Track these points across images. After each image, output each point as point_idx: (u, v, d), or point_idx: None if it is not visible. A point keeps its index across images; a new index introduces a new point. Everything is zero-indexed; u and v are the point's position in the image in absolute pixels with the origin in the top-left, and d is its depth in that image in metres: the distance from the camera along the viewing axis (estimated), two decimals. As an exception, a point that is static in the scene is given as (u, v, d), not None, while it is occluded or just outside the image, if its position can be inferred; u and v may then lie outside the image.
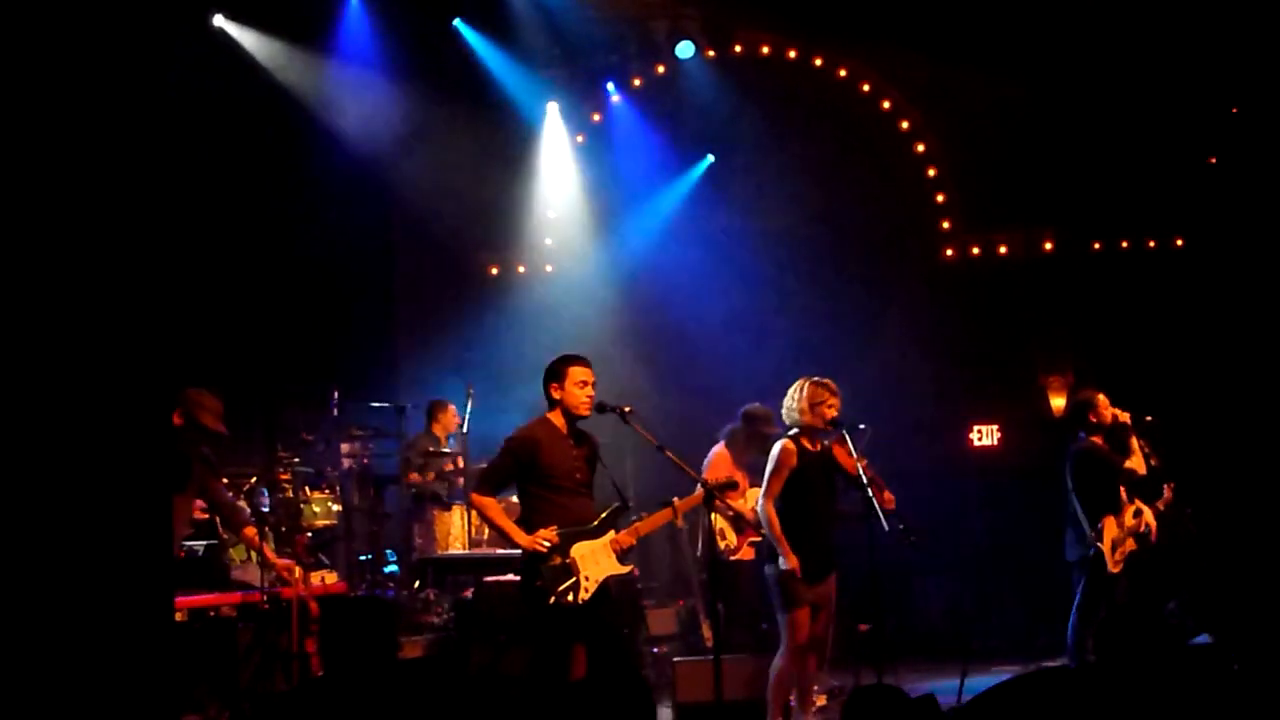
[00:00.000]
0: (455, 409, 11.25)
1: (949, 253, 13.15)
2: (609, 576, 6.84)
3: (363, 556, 11.09)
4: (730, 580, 9.08)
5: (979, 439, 12.81)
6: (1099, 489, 8.54)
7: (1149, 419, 8.87)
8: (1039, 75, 12.23)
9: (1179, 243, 12.86)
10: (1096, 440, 8.67)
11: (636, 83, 13.15)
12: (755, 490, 7.95)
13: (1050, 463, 9.15)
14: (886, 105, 13.07)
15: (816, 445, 7.68)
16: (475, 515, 9.77)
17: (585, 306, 12.40)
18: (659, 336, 12.50)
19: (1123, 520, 8.50)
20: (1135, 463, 8.65)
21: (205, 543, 8.48)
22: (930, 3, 12.06)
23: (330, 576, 8.49)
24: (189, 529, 8.21)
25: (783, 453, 7.62)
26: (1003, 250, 13.11)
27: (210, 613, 7.69)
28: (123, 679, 3.77)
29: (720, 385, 11.37)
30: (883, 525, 7.28)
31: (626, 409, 6.87)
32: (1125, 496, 8.57)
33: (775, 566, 7.52)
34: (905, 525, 7.46)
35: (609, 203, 13.18)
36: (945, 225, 13.16)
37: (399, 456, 11.06)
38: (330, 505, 10.28)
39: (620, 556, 6.89)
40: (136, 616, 3.83)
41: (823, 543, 7.59)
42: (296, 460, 10.23)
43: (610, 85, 13.13)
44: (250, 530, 7.69)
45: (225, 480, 8.52)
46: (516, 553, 7.02)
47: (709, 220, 12.98)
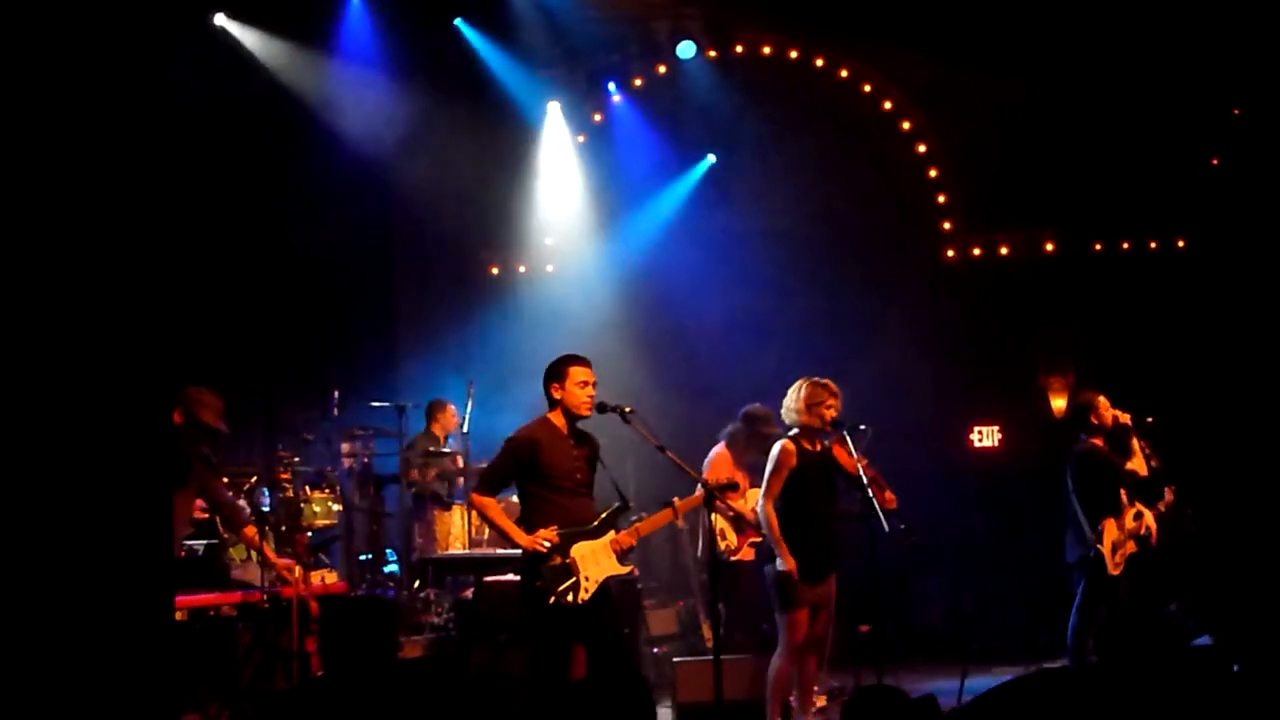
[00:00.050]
0: (455, 409, 11.25)
1: (950, 253, 13.14)
2: (609, 577, 6.84)
3: (363, 556, 11.10)
4: (731, 581, 9.08)
5: (979, 440, 12.81)
6: (1099, 491, 8.54)
7: (1150, 420, 8.87)
8: (1040, 76, 12.23)
9: (1180, 244, 12.85)
10: (1097, 442, 8.67)
11: (638, 83, 13.14)
12: (756, 491, 7.95)
13: (1051, 464, 9.15)
14: (888, 106, 13.06)
15: (816, 445, 7.68)
16: (475, 515, 9.77)
17: (586, 306, 12.38)
18: (660, 336, 12.49)
19: (1123, 522, 8.50)
20: (1136, 464, 8.65)
21: (205, 542, 8.48)
22: (932, 3, 12.06)
23: (330, 576, 8.49)
24: (189, 528, 8.21)
25: (782, 453, 7.62)
26: (1004, 251, 13.10)
27: (210, 612, 7.69)
28: (123, 678, 3.76)
29: (721, 385, 11.37)
30: (883, 525, 7.28)
31: (627, 409, 6.87)
32: (1126, 499, 8.57)
33: (774, 567, 7.52)
34: (907, 525, 7.46)
35: (610, 203, 13.17)
36: (946, 226, 13.15)
37: (399, 456, 11.06)
38: (330, 505, 10.28)
39: (620, 557, 6.89)
40: (137, 616, 3.82)
41: (823, 543, 7.59)
42: (297, 460, 10.24)
43: (611, 85, 13.12)
44: (250, 530, 7.69)
45: (225, 479, 8.53)
46: (517, 553, 7.01)
47: (709, 220, 12.97)
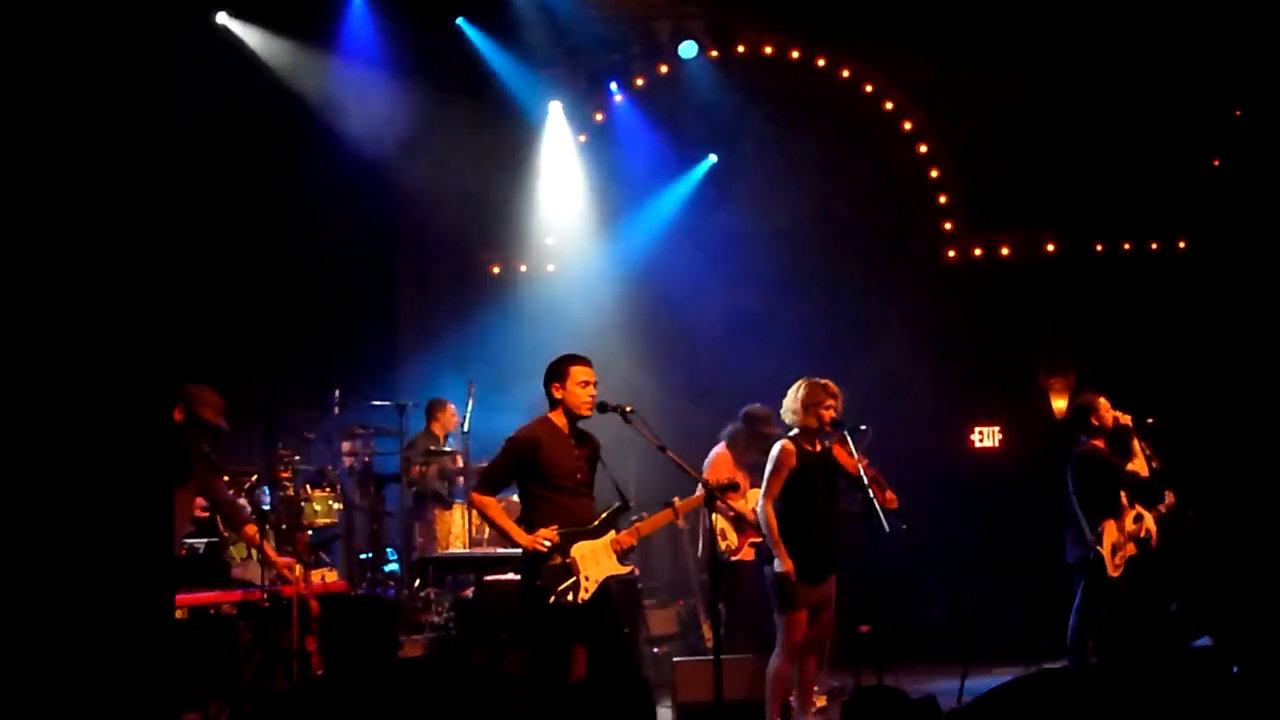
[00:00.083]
0: (454, 408, 11.25)
1: (951, 254, 13.15)
2: (609, 576, 6.83)
3: (363, 555, 11.10)
4: (731, 581, 9.08)
5: (980, 440, 12.82)
6: (1100, 492, 8.53)
7: (1151, 421, 8.87)
8: (1041, 76, 12.24)
9: (1182, 244, 12.85)
10: (1098, 443, 8.66)
11: (639, 82, 13.14)
12: (756, 491, 7.95)
13: (1051, 464, 9.14)
14: (889, 106, 13.07)
15: (817, 446, 7.68)
16: (476, 514, 9.77)
17: (587, 306, 12.38)
18: (661, 336, 12.49)
19: (1123, 524, 8.50)
20: (1138, 465, 8.64)
21: (206, 540, 8.49)
22: (933, 4, 12.06)
23: (331, 575, 8.50)
24: (190, 526, 8.22)
25: (781, 453, 7.61)
26: (1005, 251, 13.10)
27: (211, 611, 7.70)
28: (123, 677, 3.76)
29: (721, 385, 11.37)
30: (884, 526, 7.27)
31: (628, 409, 6.86)
32: (1126, 501, 8.57)
33: (774, 567, 7.51)
34: (908, 525, 7.46)
35: (611, 202, 13.17)
36: (947, 226, 13.16)
37: (400, 455, 11.07)
38: (331, 504, 10.27)
39: (621, 557, 6.88)
40: (137, 614, 3.83)
41: (823, 544, 7.58)
42: (297, 458, 10.23)
43: (613, 85, 13.13)
44: (251, 528, 7.70)
45: (226, 478, 8.53)
46: (517, 552, 7.01)
47: (711, 220, 12.97)
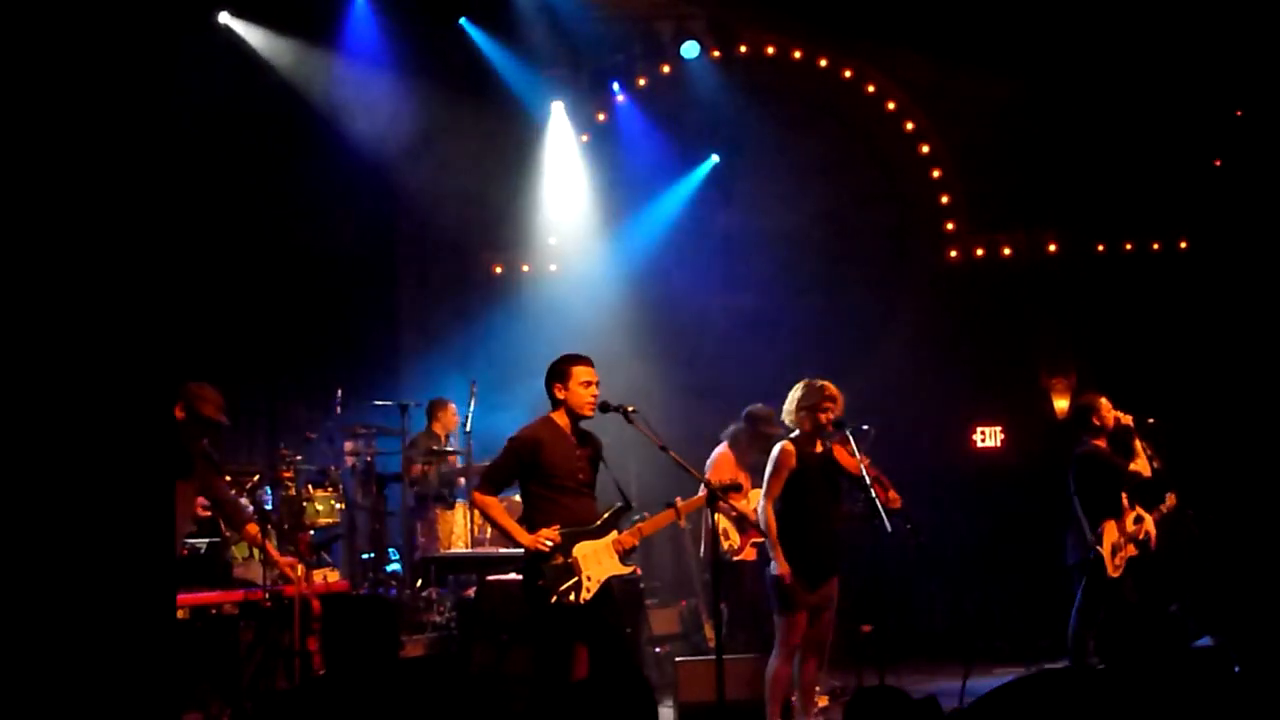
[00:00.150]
0: (455, 407, 11.24)
1: (953, 254, 13.14)
2: (611, 576, 6.83)
3: (365, 555, 11.10)
4: (733, 581, 9.08)
5: (982, 440, 12.82)
6: (1101, 492, 8.53)
7: (1152, 421, 8.87)
8: (1043, 77, 12.24)
9: (1183, 245, 12.85)
10: (1099, 443, 8.66)
11: (641, 82, 13.15)
12: (758, 491, 7.94)
13: (1053, 465, 9.15)
14: (891, 106, 13.07)
15: (818, 447, 7.67)
16: (478, 514, 9.77)
17: (589, 306, 12.38)
18: (662, 336, 12.48)
19: (1124, 525, 8.50)
20: (1140, 465, 8.65)
21: (208, 540, 8.50)
22: (935, 4, 12.06)
23: (333, 575, 8.49)
24: (191, 526, 8.22)
25: (781, 454, 7.61)
26: (1007, 252, 13.10)
27: (212, 610, 7.70)
28: (125, 676, 3.77)
29: (723, 385, 11.38)
30: (886, 526, 7.27)
31: (630, 409, 6.85)
32: (1127, 502, 8.57)
33: (773, 568, 7.52)
34: (912, 525, 7.45)
35: (613, 202, 13.17)
36: (949, 226, 13.15)
37: (402, 455, 11.07)
38: (333, 503, 10.27)
39: (622, 557, 6.88)
40: (138, 614, 3.83)
41: (824, 545, 7.57)
42: (299, 458, 10.23)
43: (615, 85, 13.13)
44: (252, 528, 7.70)
45: (228, 478, 8.53)
46: (519, 552, 7.01)
47: (713, 220, 12.98)
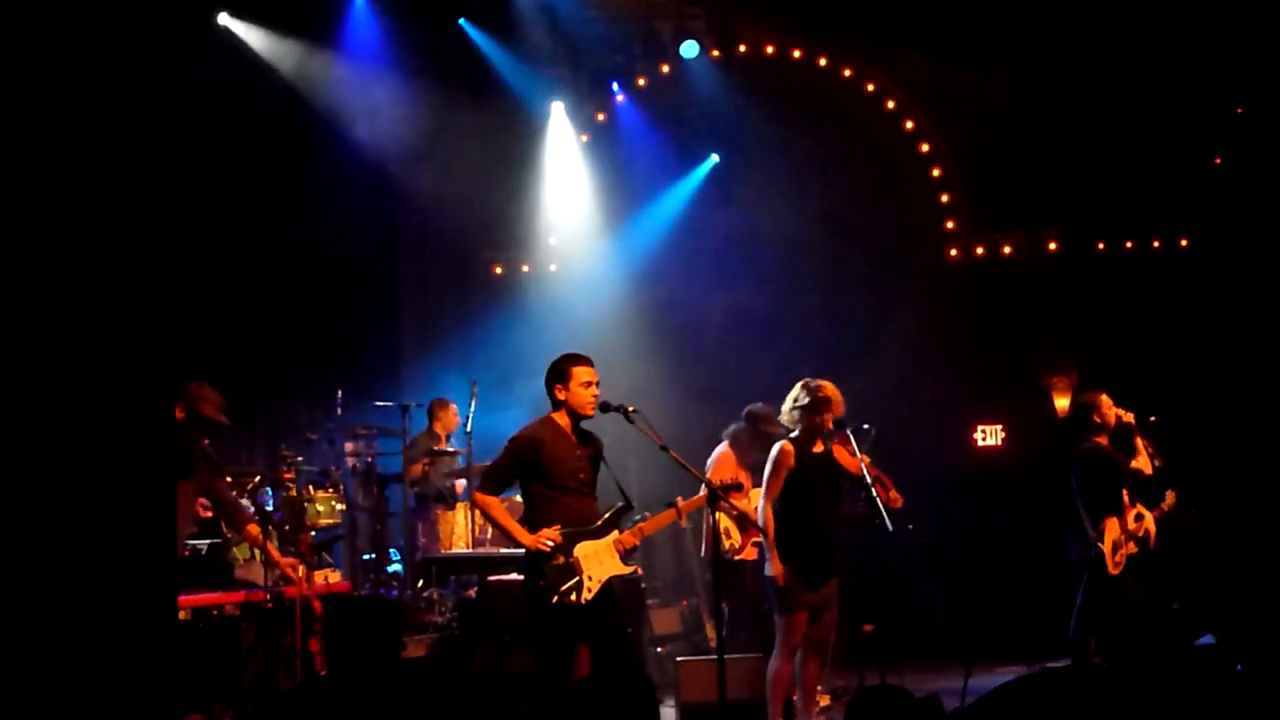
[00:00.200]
0: (456, 408, 11.24)
1: (953, 253, 13.14)
2: (612, 576, 6.84)
3: (366, 556, 11.11)
4: (734, 580, 9.08)
5: (983, 439, 12.82)
6: (1102, 490, 8.54)
7: (1153, 419, 8.87)
8: (1043, 75, 12.24)
9: (1184, 243, 12.85)
10: (1101, 441, 8.67)
11: (641, 82, 13.14)
12: (759, 490, 7.95)
13: (1054, 463, 9.15)
14: (891, 105, 13.06)
15: (818, 447, 7.67)
16: (479, 514, 9.77)
17: (589, 306, 12.38)
18: (663, 336, 12.48)
19: (1125, 522, 8.50)
20: (1141, 463, 8.66)
21: (209, 541, 8.50)
22: (935, 3, 12.05)
23: (334, 575, 8.49)
24: (192, 526, 8.23)
25: (780, 454, 7.61)
26: (1007, 250, 13.10)
27: (214, 611, 7.69)
28: (126, 678, 3.77)
29: (724, 385, 11.38)
30: (887, 526, 7.27)
31: (630, 408, 6.85)
32: (1127, 499, 8.58)
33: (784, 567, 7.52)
34: (914, 524, 7.45)
35: (613, 202, 13.17)
36: (949, 225, 13.15)
37: (403, 455, 11.07)
38: (334, 504, 10.28)
39: (623, 556, 6.88)
40: (140, 615, 3.83)
41: (823, 545, 7.57)
42: (300, 459, 10.24)
43: (615, 85, 13.13)
44: (254, 528, 7.70)
45: (229, 479, 8.53)
46: (520, 552, 7.01)
47: (713, 220, 12.98)
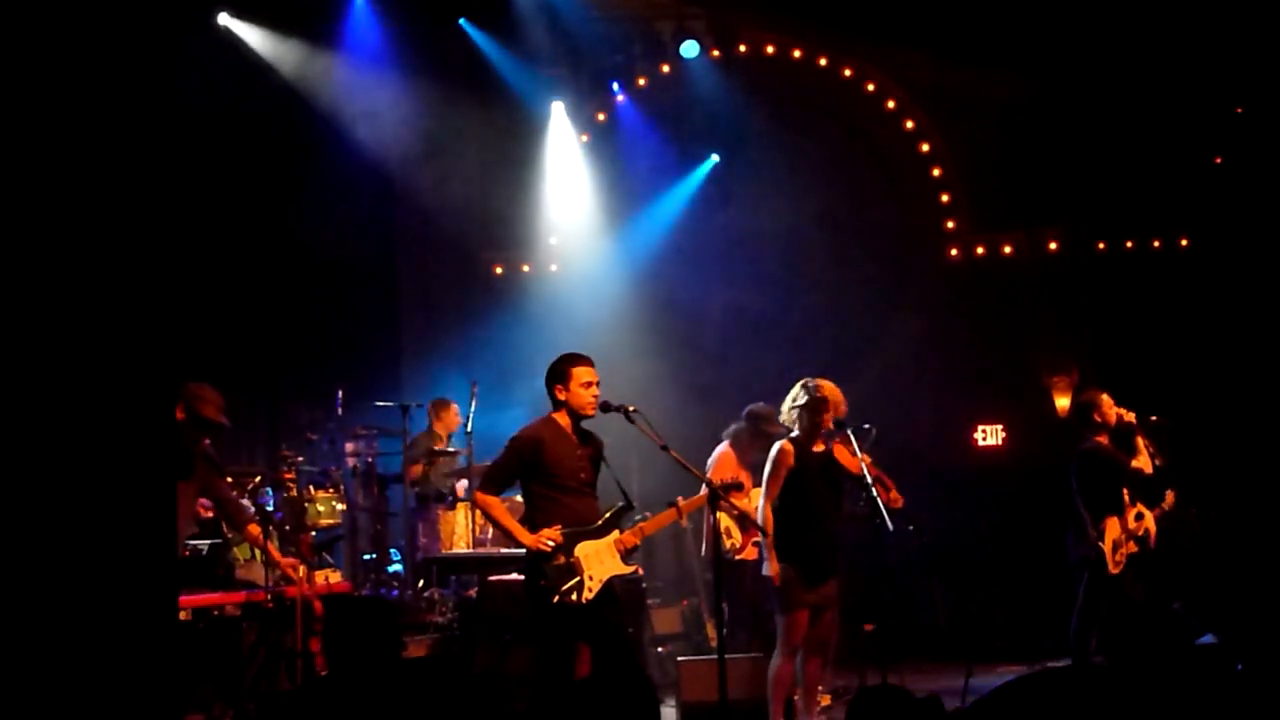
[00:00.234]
0: (457, 408, 11.24)
1: (954, 253, 13.14)
2: (613, 576, 6.84)
3: (367, 556, 11.11)
4: (735, 580, 9.08)
5: (984, 439, 12.83)
6: (1103, 489, 8.54)
7: (1154, 419, 8.87)
8: (1044, 75, 12.24)
9: (1184, 243, 12.86)
10: (1101, 440, 8.67)
11: (641, 82, 13.14)
12: (760, 490, 7.95)
13: (1054, 463, 9.15)
14: (891, 105, 13.06)
15: (819, 446, 7.66)
16: (479, 514, 9.77)
17: (590, 306, 12.38)
18: (663, 336, 12.48)
19: (1125, 522, 8.50)
20: (1142, 462, 8.66)
21: (210, 542, 8.50)
22: (935, 3, 12.05)
23: (334, 576, 8.49)
24: (193, 527, 8.23)
25: (779, 454, 7.61)
26: (1007, 250, 13.10)
27: (214, 612, 7.68)
28: (126, 678, 3.77)
29: (725, 384, 11.38)
30: (888, 526, 7.27)
31: (631, 408, 6.85)
32: (1128, 499, 8.57)
33: (782, 566, 7.51)
34: (915, 526, 7.45)
35: (614, 202, 13.16)
36: (950, 225, 13.15)
37: (403, 456, 11.07)
38: (335, 504, 10.28)
39: (624, 556, 6.89)
40: (140, 615, 3.83)
41: (823, 545, 7.57)
42: (301, 459, 10.24)
43: (615, 85, 13.13)
44: (254, 528, 7.71)
45: (230, 479, 8.53)
46: (521, 552, 7.02)
47: (713, 220, 12.97)
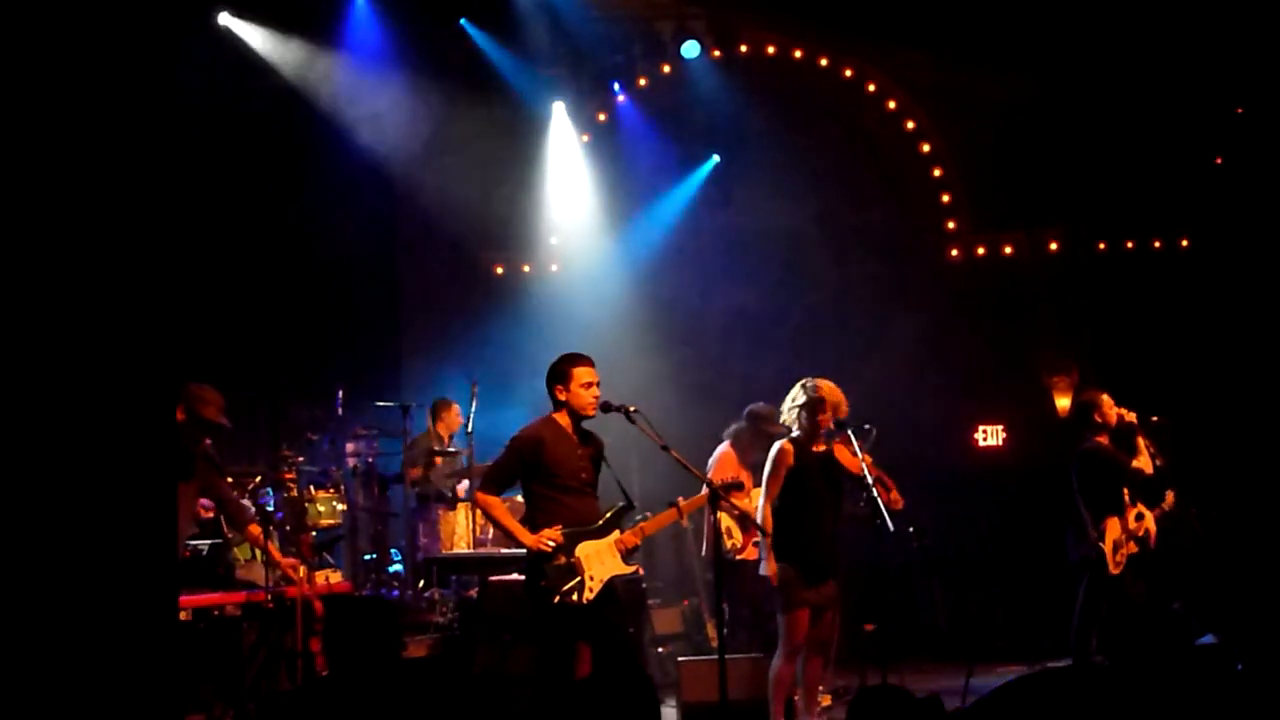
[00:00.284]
0: (459, 408, 11.25)
1: (954, 253, 13.14)
2: (614, 576, 6.84)
3: (367, 556, 11.11)
4: (735, 580, 9.08)
5: (984, 439, 12.83)
6: (1103, 490, 8.54)
7: (1155, 419, 8.87)
8: (1045, 75, 12.24)
9: (1185, 243, 12.86)
10: (1101, 441, 8.67)
11: (642, 82, 13.13)
12: (760, 490, 7.95)
13: (1055, 463, 9.15)
14: (892, 105, 13.06)
15: (820, 446, 7.66)
16: (480, 514, 9.77)
17: (591, 306, 12.39)
18: (664, 335, 12.49)
19: (1126, 522, 8.50)
20: (1142, 462, 8.66)
21: (210, 541, 8.50)
22: (936, 3, 12.05)
23: (335, 576, 8.49)
24: (193, 527, 8.23)
25: (779, 454, 7.62)
26: (1008, 250, 13.10)
27: (215, 612, 7.69)
28: (127, 678, 3.77)
29: (725, 384, 11.39)
30: (888, 526, 7.27)
31: (631, 408, 6.85)
32: (1128, 499, 8.58)
33: (781, 566, 7.52)
34: (915, 529, 7.45)
35: (614, 202, 13.17)
36: (951, 225, 13.15)
37: (403, 456, 11.08)
38: (335, 504, 10.28)
39: (625, 556, 6.89)
40: (141, 615, 3.83)
41: (823, 545, 7.57)
42: (301, 459, 10.24)
43: (616, 85, 13.12)
44: (255, 528, 7.71)
45: (230, 479, 8.53)
46: (521, 552, 7.02)
47: (714, 220, 12.98)
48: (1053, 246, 13.02)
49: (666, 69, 13.06)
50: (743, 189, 12.96)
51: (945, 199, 13.13)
